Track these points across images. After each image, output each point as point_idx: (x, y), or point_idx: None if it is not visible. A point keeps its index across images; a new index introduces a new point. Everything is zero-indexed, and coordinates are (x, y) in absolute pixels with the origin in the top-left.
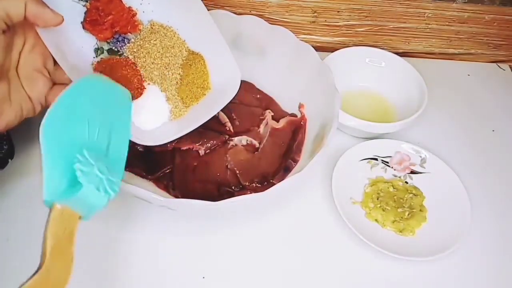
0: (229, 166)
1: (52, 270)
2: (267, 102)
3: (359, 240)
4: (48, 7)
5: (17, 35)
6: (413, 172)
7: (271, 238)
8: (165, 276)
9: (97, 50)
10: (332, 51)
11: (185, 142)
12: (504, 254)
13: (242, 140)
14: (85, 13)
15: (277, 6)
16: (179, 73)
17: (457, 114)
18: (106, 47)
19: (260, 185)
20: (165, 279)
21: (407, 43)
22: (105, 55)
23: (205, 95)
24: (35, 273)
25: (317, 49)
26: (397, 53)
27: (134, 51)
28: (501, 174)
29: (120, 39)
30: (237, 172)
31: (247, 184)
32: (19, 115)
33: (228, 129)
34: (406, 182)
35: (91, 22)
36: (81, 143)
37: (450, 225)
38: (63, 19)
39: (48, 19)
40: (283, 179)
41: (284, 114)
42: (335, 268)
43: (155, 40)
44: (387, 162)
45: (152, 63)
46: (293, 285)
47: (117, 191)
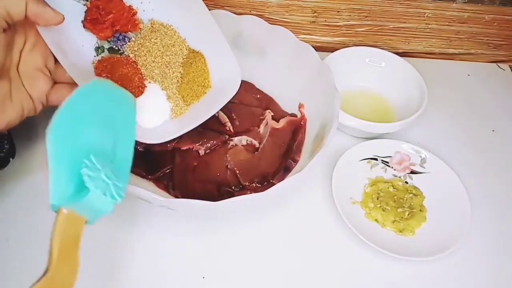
0: (229, 166)
1: (58, 274)
2: (267, 102)
3: (359, 240)
4: (49, 6)
5: (17, 34)
6: (413, 172)
7: (271, 238)
8: (165, 276)
9: (97, 49)
10: (332, 51)
11: (185, 142)
12: (504, 254)
13: (242, 140)
14: (85, 12)
15: (277, 6)
16: (179, 72)
17: (457, 114)
18: (106, 45)
19: (260, 185)
20: (165, 279)
21: (407, 43)
22: (105, 53)
23: (205, 93)
24: (42, 276)
25: (317, 49)
26: (397, 53)
27: (135, 50)
28: (501, 174)
29: (120, 38)
30: (237, 172)
31: (247, 184)
32: (20, 114)
33: (228, 129)
34: (406, 182)
35: (91, 21)
36: (88, 148)
37: (450, 225)
38: (64, 18)
39: (49, 18)
40: (283, 179)
41: (284, 114)
42: (335, 268)
43: (155, 39)
44: (387, 162)
45: (153, 61)
46: (293, 285)
47: (123, 196)
